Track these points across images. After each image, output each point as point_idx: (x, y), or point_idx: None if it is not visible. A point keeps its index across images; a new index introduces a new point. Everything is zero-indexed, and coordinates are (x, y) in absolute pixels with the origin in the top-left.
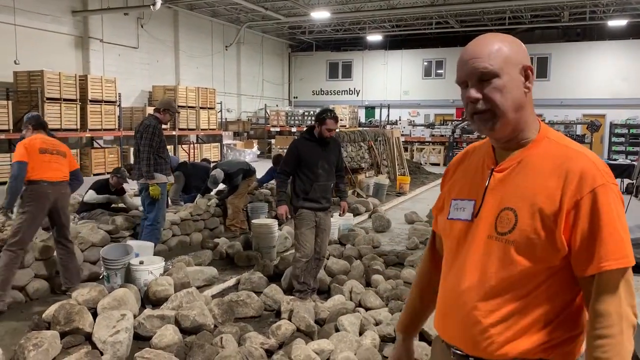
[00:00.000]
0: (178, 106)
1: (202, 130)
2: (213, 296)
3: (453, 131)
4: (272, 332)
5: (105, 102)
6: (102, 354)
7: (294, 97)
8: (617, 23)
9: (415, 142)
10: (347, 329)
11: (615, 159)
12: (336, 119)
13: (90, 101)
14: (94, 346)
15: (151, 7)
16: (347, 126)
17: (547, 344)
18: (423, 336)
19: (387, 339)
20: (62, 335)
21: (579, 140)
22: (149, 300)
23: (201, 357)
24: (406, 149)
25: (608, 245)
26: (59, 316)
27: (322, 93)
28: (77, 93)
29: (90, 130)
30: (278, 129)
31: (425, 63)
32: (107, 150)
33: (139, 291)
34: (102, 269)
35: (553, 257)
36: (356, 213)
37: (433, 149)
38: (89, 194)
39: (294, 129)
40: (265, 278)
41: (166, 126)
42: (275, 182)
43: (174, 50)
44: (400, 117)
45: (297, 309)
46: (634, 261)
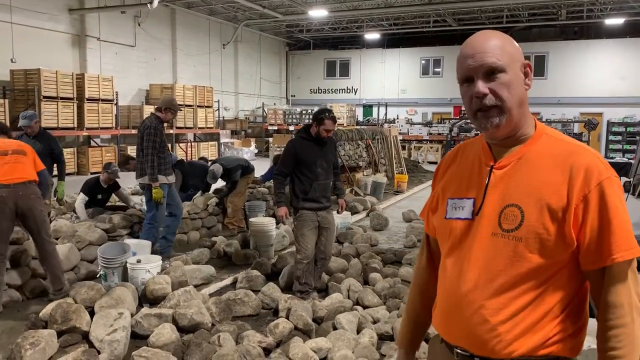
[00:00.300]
0: None
1: (200, 128)
2: (211, 295)
3: (451, 129)
4: (270, 331)
5: (102, 101)
6: (100, 353)
7: (292, 96)
8: (615, 21)
9: (412, 141)
10: (345, 327)
11: (612, 157)
12: (334, 120)
13: (87, 100)
14: (91, 345)
15: (148, 5)
16: (345, 125)
17: (555, 338)
18: None
19: (385, 337)
20: (59, 334)
21: (577, 138)
22: (147, 298)
23: (199, 356)
24: (404, 148)
25: (618, 237)
26: (56, 315)
27: (320, 91)
28: (74, 91)
29: (87, 128)
30: (276, 128)
31: (422, 61)
32: (105, 148)
33: (137, 290)
34: (100, 268)
35: (562, 252)
36: (354, 211)
37: (431, 148)
38: (78, 202)
39: (292, 128)
40: (262, 276)
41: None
42: (272, 183)
43: (172, 48)
44: (397, 116)
45: (295, 308)
46: None
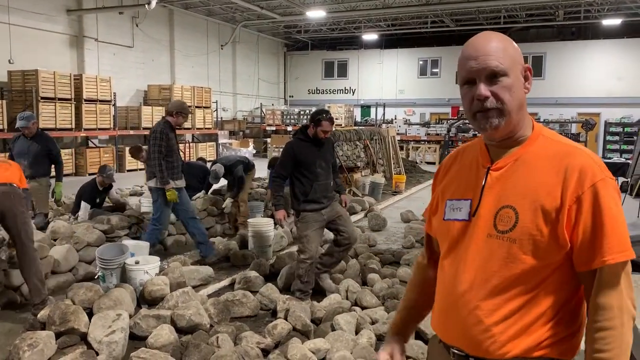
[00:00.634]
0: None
1: (198, 129)
2: (209, 296)
3: (448, 130)
4: (268, 332)
5: (100, 102)
6: (98, 354)
7: (290, 96)
8: (612, 22)
9: (410, 141)
10: (343, 328)
11: (610, 158)
12: (332, 121)
13: (85, 100)
14: (90, 346)
15: (146, 6)
16: (343, 125)
17: (549, 340)
18: (419, 335)
19: (383, 338)
20: (58, 335)
21: (574, 138)
22: (145, 300)
23: (197, 357)
24: (402, 148)
25: (611, 238)
26: (54, 316)
27: (318, 92)
28: (72, 92)
29: (85, 129)
30: (274, 128)
31: (420, 62)
32: (102, 149)
33: (135, 291)
34: (98, 269)
35: (556, 254)
36: (352, 212)
37: (429, 148)
38: (82, 212)
39: (290, 128)
40: (261, 277)
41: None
42: (270, 186)
43: (170, 49)
44: (395, 116)
45: (293, 308)
46: (635, 254)
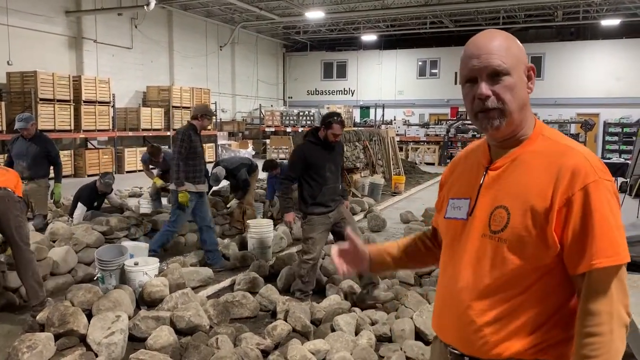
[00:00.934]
0: (172, 107)
1: None
2: (208, 297)
3: (448, 130)
4: (268, 333)
5: (99, 103)
6: (97, 356)
7: (289, 97)
8: (610, 22)
9: (410, 142)
10: (343, 329)
11: (609, 158)
12: (342, 124)
13: (84, 102)
14: (89, 348)
15: (145, 8)
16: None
17: (542, 345)
18: (419, 336)
19: (383, 339)
20: (57, 337)
21: (573, 139)
22: (144, 301)
23: (197, 358)
24: (401, 149)
25: (599, 242)
26: (53, 318)
27: (317, 93)
28: (71, 94)
29: (84, 131)
30: (273, 129)
31: (419, 63)
32: (102, 151)
33: (134, 292)
34: (97, 270)
35: (544, 255)
36: (352, 213)
37: (428, 149)
38: (78, 214)
39: (289, 129)
40: (260, 278)
41: (160, 126)
42: (278, 189)
43: (168, 50)
44: (395, 117)
45: (293, 309)
46: (628, 258)
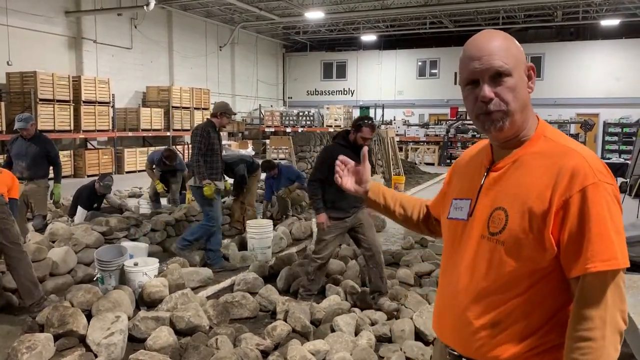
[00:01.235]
0: (172, 107)
1: None
2: (208, 297)
3: (447, 131)
4: (268, 333)
5: (98, 103)
6: (96, 356)
7: (289, 98)
8: (610, 23)
9: (409, 142)
10: (343, 329)
11: (608, 158)
12: (373, 128)
13: (83, 102)
14: (88, 348)
15: (145, 8)
16: (342, 126)
17: (539, 349)
18: (419, 336)
19: (383, 339)
20: (56, 337)
21: (573, 139)
22: (144, 301)
23: (196, 359)
24: (401, 149)
25: (595, 246)
26: (53, 318)
27: (317, 93)
28: (71, 94)
29: (83, 131)
30: (273, 129)
31: (419, 63)
32: (101, 151)
33: (134, 293)
34: (96, 271)
35: (541, 258)
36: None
37: (427, 149)
38: (78, 217)
39: (289, 129)
40: (260, 279)
41: (160, 126)
42: (309, 190)
43: (168, 50)
44: (394, 117)
45: (293, 310)
46: (627, 263)
